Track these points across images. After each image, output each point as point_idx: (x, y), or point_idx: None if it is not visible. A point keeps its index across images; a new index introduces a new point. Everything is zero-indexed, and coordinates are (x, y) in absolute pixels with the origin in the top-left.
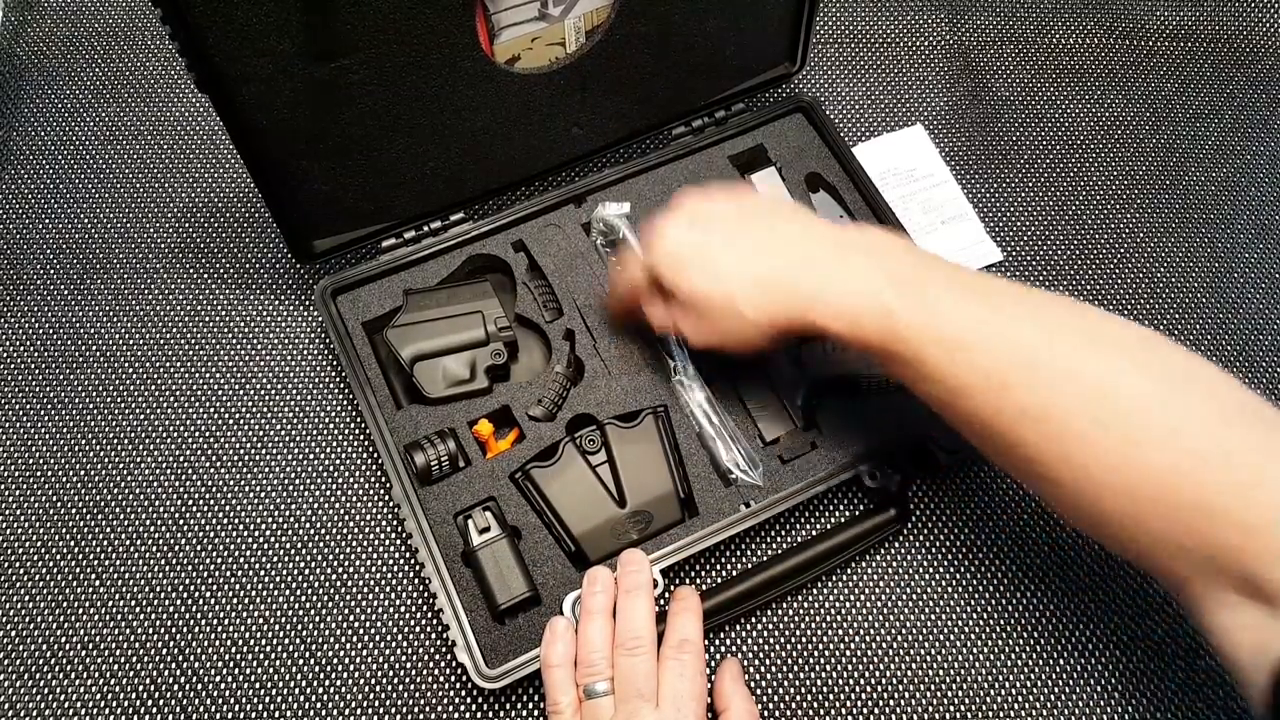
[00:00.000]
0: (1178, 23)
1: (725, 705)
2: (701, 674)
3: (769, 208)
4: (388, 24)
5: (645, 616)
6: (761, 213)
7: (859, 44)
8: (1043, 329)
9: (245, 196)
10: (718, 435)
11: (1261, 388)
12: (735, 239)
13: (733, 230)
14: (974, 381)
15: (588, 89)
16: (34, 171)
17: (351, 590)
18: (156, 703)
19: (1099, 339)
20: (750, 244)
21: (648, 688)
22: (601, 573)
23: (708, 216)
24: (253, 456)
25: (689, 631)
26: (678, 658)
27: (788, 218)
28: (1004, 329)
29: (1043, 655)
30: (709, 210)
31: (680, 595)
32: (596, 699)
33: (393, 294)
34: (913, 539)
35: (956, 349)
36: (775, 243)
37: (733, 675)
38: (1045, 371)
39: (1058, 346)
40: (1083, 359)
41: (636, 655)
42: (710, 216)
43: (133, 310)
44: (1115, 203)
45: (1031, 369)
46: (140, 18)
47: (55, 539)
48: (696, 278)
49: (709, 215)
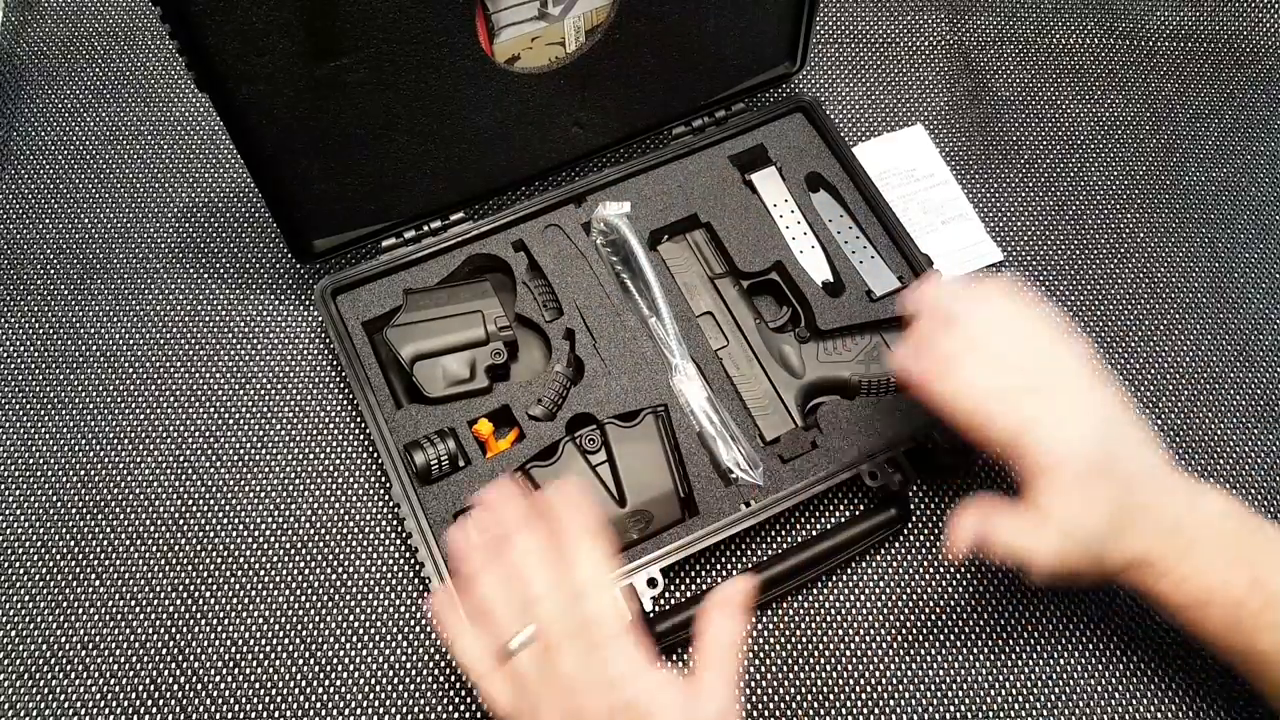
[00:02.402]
0: (1178, 23)
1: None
2: (610, 604)
3: (1069, 364)
4: (387, 23)
5: (533, 558)
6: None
7: (859, 44)
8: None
9: (245, 196)
10: (718, 435)
11: (1261, 388)
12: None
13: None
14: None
15: (588, 89)
16: (34, 171)
17: (351, 590)
18: (156, 703)
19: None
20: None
21: (564, 629)
22: (453, 534)
23: (1006, 357)
24: (253, 456)
25: (583, 564)
26: (579, 598)
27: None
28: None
29: (1043, 655)
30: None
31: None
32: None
33: (393, 294)
34: (913, 539)
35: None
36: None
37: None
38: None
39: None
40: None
41: (541, 603)
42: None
43: (133, 310)
44: (1115, 203)
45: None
46: (140, 18)
47: (55, 539)
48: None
49: (1008, 356)
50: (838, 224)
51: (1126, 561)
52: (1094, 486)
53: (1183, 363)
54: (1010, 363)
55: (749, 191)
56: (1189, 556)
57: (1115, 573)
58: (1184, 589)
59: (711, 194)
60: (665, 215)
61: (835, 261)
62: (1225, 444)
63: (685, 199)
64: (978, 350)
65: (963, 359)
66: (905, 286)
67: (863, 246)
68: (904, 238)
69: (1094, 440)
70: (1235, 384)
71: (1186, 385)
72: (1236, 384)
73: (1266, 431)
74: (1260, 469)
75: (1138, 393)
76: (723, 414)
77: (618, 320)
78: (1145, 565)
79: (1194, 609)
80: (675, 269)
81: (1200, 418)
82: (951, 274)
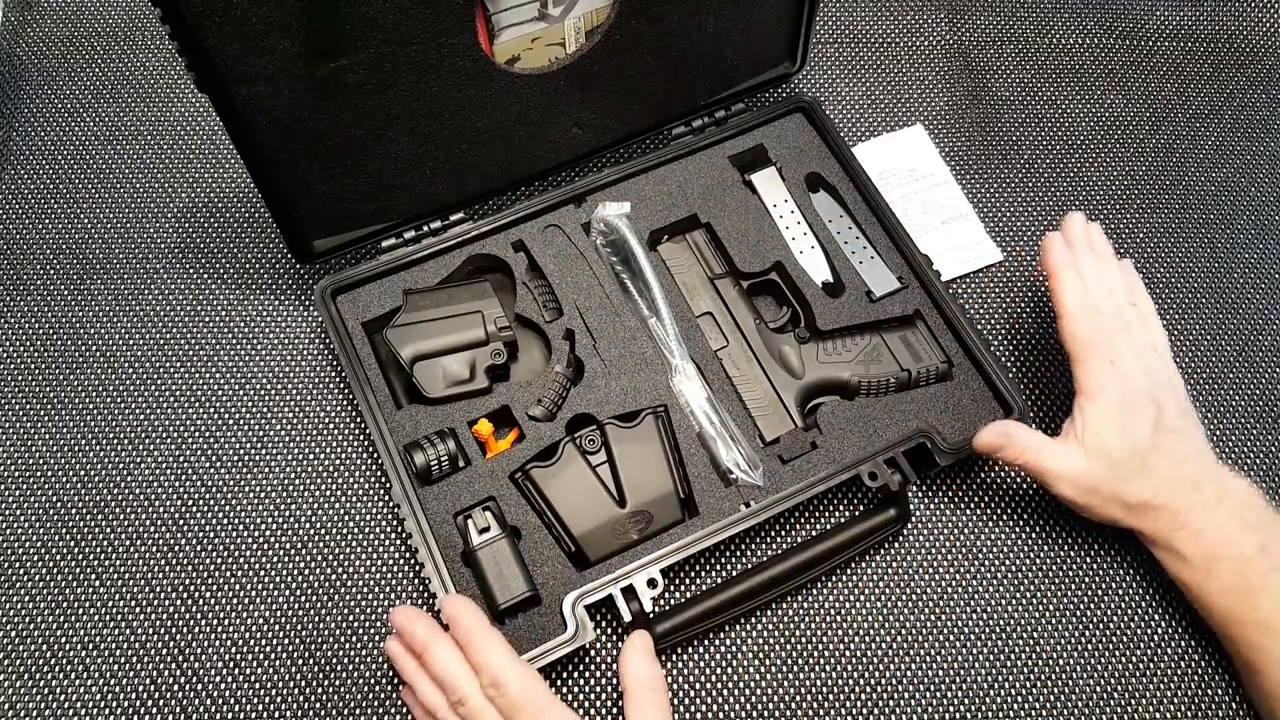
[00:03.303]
0: (1178, 23)
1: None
2: (527, 692)
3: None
4: (387, 24)
5: (454, 663)
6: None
7: (859, 44)
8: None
9: (245, 196)
10: (718, 435)
11: (1261, 388)
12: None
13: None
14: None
15: (588, 89)
16: (34, 171)
17: (351, 590)
18: (156, 703)
19: None
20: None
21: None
22: (391, 646)
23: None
24: (253, 456)
25: (492, 663)
26: (498, 693)
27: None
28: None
29: (1043, 655)
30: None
31: (451, 616)
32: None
33: (393, 294)
34: (913, 539)
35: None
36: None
37: (641, 648)
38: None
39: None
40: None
41: (469, 702)
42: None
43: (133, 310)
44: (1115, 203)
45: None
46: (140, 18)
47: (55, 539)
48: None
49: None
50: (837, 224)
51: (1146, 500)
52: (1130, 418)
53: (1182, 363)
54: (1108, 313)
55: (749, 192)
56: (1207, 513)
57: (1134, 507)
58: (1198, 541)
59: (711, 194)
60: (665, 215)
61: (835, 262)
62: (1225, 444)
63: (685, 199)
64: (1095, 296)
65: (1089, 294)
66: (905, 287)
67: (862, 247)
68: (904, 238)
69: (1143, 386)
70: (1235, 384)
71: (1186, 385)
72: (1236, 384)
73: (1266, 431)
74: (1260, 469)
75: None
76: (722, 414)
77: (618, 320)
78: (1166, 511)
79: (1204, 564)
80: (675, 269)
81: (1200, 418)
82: (952, 273)
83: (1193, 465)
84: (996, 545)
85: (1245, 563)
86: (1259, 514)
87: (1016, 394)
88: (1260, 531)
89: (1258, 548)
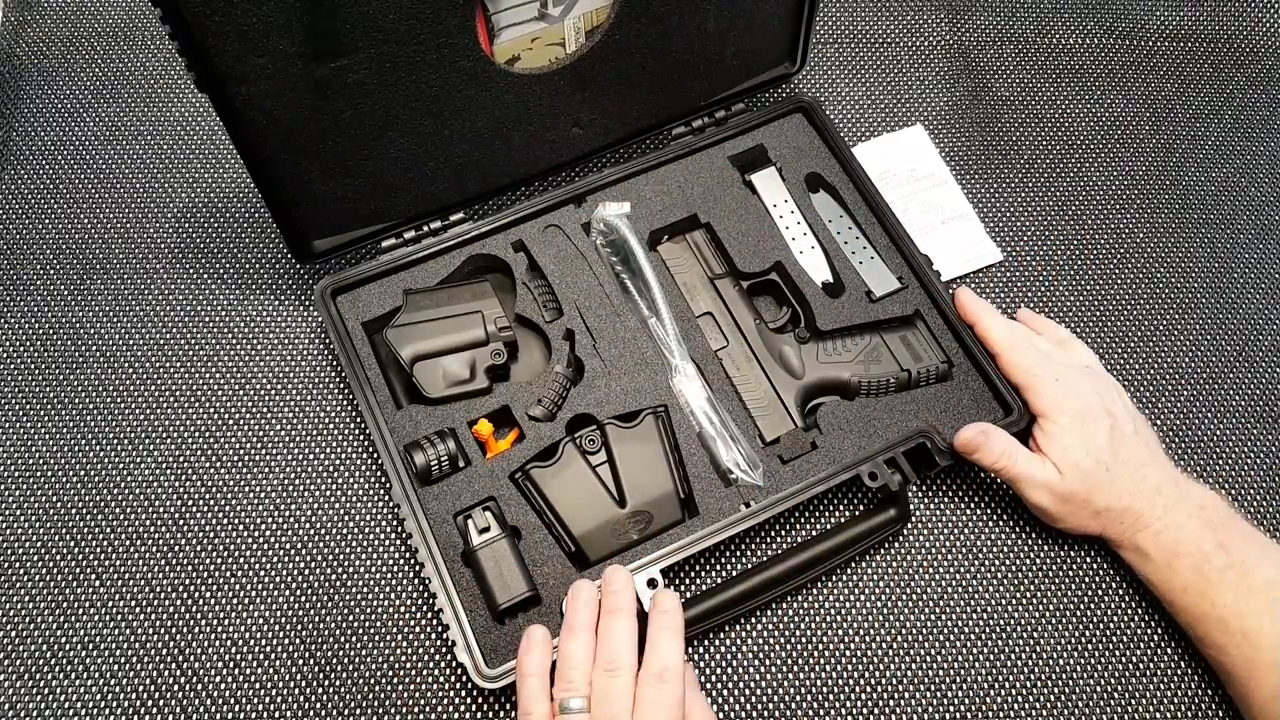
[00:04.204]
0: (1178, 23)
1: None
2: (680, 704)
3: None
4: (388, 24)
5: (627, 639)
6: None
7: (859, 44)
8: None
9: (245, 196)
10: (718, 435)
11: (1261, 388)
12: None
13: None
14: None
15: (588, 89)
16: (34, 171)
17: (351, 590)
18: (156, 703)
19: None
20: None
21: (623, 711)
22: (585, 588)
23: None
24: (253, 456)
25: (670, 657)
26: (657, 686)
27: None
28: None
29: (1043, 655)
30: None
31: (662, 606)
32: (571, 715)
33: (393, 294)
34: (913, 539)
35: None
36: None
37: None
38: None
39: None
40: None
41: (616, 677)
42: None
43: (133, 310)
44: (1115, 203)
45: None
46: (140, 18)
47: (55, 539)
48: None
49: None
50: (837, 224)
51: (1111, 505)
52: (1089, 428)
53: (1182, 363)
54: (1037, 343)
55: (749, 192)
56: (1166, 514)
57: (1101, 512)
58: (1159, 541)
59: (711, 194)
60: (665, 215)
61: (835, 262)
62: (1225, 444)
63: (685, 199)
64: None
65: (1014, 330)
66: (905, 287)
67: (862, 247)
68: (904, 238)
69: (1093, 398)
70: (1234, 384)
71: (1186, 385)
72: (1236, 384)
73: (1266, 431)
74: (1259, 469)
75: (1138, 393)
76: (723, 414)
77: (618, 320)
78: (1129, 513)
79: (1165, 562)
80: (675, 269)
81: (1199, 418)
82: (952, 273)
83: (1151, 468)
84: (996, 545)
85: (1204, 559)
86: (1218, 513)
87: (1016, 394)
88: (1219, 530)
89: (1216, 545)
